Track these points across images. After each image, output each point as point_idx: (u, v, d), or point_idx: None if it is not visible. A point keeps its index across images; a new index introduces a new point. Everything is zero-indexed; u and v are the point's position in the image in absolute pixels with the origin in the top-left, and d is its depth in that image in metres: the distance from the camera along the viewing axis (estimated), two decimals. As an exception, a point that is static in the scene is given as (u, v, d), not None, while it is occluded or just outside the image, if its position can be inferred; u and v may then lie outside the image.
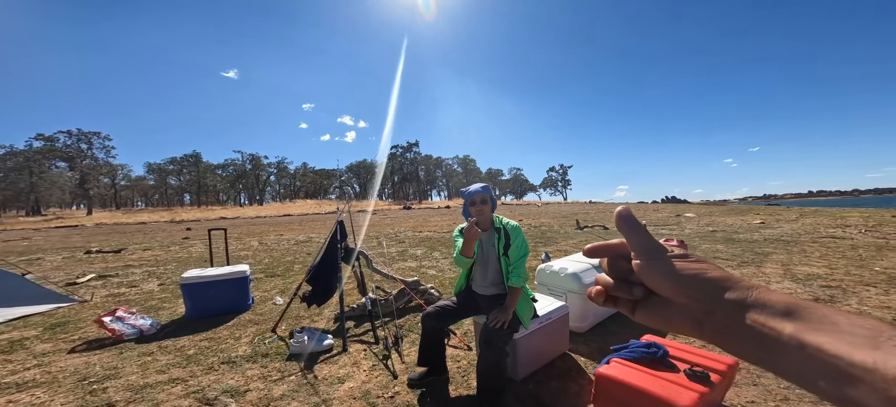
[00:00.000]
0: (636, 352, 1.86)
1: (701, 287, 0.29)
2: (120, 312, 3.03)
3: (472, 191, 1.94)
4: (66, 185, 49.53)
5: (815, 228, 9.02)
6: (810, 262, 4.99)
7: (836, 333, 0.23)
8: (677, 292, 0.30)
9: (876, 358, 0.21)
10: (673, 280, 0.30)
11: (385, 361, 2.45)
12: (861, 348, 0.21)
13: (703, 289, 0.29)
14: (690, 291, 0.29)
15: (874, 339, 0.22)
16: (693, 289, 0.29)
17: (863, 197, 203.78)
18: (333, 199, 12.94)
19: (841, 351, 0.22)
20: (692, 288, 0.29)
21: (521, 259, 1.90)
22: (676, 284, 0.29)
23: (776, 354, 0.25)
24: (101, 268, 6.86)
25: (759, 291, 0.27)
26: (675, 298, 0.30)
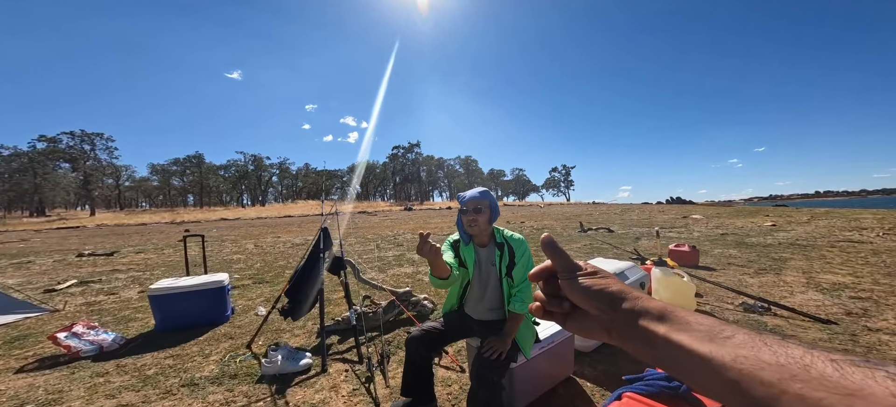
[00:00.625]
0: (654, 385, 1.56)
1: (605, 299, 0.36)
2: (77, 326, 2.77)
3: (467, 196, 1.58)
4: (69, 186, 49.86)
5: (830, 230, 8.64)
6: (833, 269, 4.65)
7: (690, 332, 0.31)
8: (589, 305, 0.37)
9: (711, 349, 0.28)
10: (586, 294, 0.37)
11: (367, 385, 2.16)
12: (703, 342, 0.29)
13: (606, 300, 0.36)
14: (598, 303, 0.36)
15: (710, 333, 0.30)
16: (600, 301, 0.36)
17: (871, 197, 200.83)
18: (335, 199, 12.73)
19: (693, 345, 0.30)
20: (599, 300, 0.36)
21: (527, 280, 1.60)
22: (588, 297, 0.37)
23: (657, 351, 0.32)
24: (88, 272, 6.64)
25: (643, 300, 0.35)
26: (590, 309, 0.37)
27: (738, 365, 0.27)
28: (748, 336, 0.28)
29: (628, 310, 0.35)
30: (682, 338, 0.31)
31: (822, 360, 0.24)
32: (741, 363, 0.26)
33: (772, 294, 3.62)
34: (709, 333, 0.30)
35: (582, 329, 0.39)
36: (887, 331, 2.62)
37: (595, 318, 0.37)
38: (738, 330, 0.29)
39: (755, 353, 0.27)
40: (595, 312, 0.37)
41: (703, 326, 0.30)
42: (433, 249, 1.22)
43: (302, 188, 79.88)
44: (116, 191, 61.39)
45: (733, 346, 0.28)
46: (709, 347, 0.29)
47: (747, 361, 0.26)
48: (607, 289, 0.36)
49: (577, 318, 0.39)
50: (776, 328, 2.73)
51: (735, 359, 0.27)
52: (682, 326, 0.31)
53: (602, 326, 0.37)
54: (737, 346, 0.28)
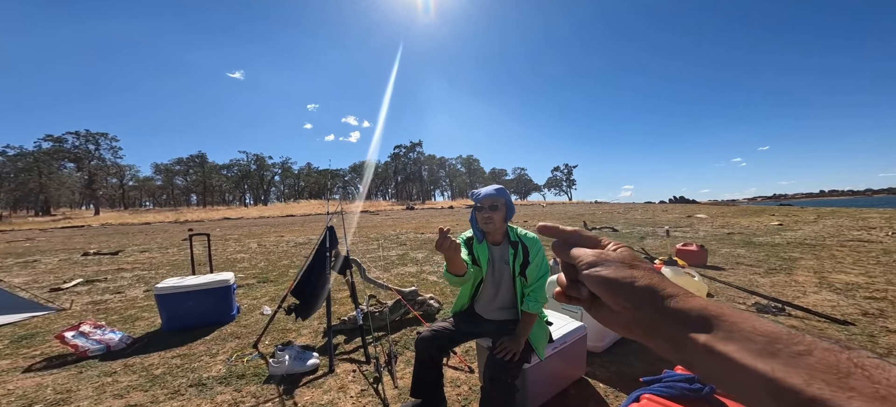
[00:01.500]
0: (674, 387, 1.52)
1: (628, 295, 0.30)
2: (85, 325, 2.76)
3: (481, 194, 1.53)
4: (74, 186, 50.28)
5: (838, 230, 8.54)
6: (844, 268, 4.58)
7: (741, 342, 0.24)
8: (609, 299, 0.31)
9: (774, 366, 0.22)
10: (604, 288, 0.31)
11: (376, 385, 2.14)
12: (761, 357, 0.23)
13: (630, 297, 0.30)
14: (620, 297, 0.31)
15: (771, 346, 0.23)
16: (622, 296, 0.30)
17: (876, 196, 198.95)
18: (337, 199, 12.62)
19: (744, 359, 0.23)
20: (621, 295, 0.31)
21: (541, 280, 1.55)
22: (608, 291, 0.31)
23: (692, 358, 0.27)
24: (94, 271, 6.66)
25: (678, 299, 0.29)
26: (609, 303, 0.32)
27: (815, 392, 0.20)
28: (828, 351, 0.21)
29: (655, 310, 0.29)
30: (729, 349, 0.24)
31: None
32: (819, 391, 0.20)
33: (784, 294, 3.57)
34: (768, 345, 0.23)
35: (601, 318, 0.33)
36: (906, 332, 2.56)
37: (614, 312, 0.31)
38: (814, 343, 0.22)
39: (840, 381, 0.20)
40: (616, 307, 0.31)
41: (759, 336, 0.24)
42: (453, 244, 1.21)
43: (304, 188, 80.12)
44: (120, 190, 61.85)
45: (808, 368, 0.21)
46: (770, 365, 0.22)
47: (828, 391, 0.20)
48: (634, 282, 0.30)
49: (598, 307, 0.33)
50: (791, 329, 2.68)
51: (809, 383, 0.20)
52: (731, 335, 0.25)
53: (621, 321, 0.31)
54: (813, 368, 0.21)
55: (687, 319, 0.27)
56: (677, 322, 0.28)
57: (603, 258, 0.32)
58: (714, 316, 0.26)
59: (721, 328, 0.25)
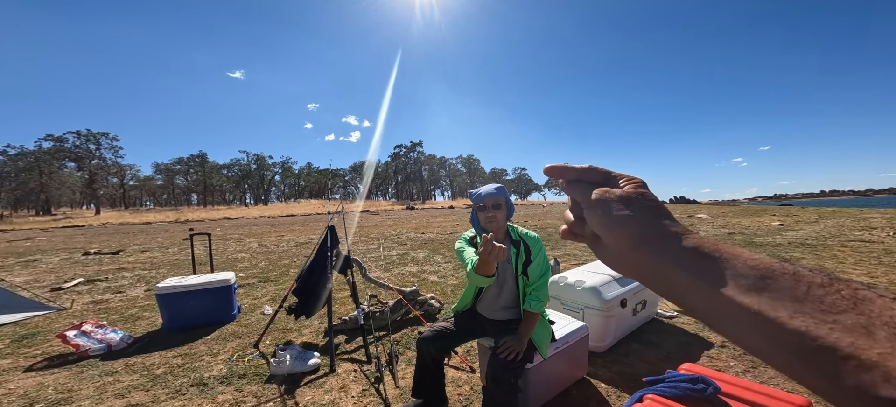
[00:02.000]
0: (678, 388, 1.51)
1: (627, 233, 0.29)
2: (86, 325, 2.76)
3: (482, 193, 1.52)
4: (75, 185, 50.33)
5: (840, 230, 8.52)
6: (846, 269, 4.57)
7: (733, 278, 0.23)
8: (607, 238, 0.31)
9: (760, 300, 0.21)
10: (605, 226, 0.31)
11: (377, 385, 2.13)
12: (749, 292, 0.22)
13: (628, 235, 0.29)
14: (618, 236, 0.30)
15: (761, 281, 0.22)
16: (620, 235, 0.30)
17: (877, 196, 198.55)
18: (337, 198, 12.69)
19: (733, 294, 0.23)
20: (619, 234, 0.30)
21: (543, 278, 1.56)
22: (607, 229, 0.31)
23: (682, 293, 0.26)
24: (94, 271, 6.67)
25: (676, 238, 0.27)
26: (607, 242, 0.31)
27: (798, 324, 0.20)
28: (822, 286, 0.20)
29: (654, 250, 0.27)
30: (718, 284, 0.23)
31: None
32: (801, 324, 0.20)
33: (785, 294, 3.56)
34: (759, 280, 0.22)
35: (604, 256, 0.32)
36: (909, 332, 2.55)
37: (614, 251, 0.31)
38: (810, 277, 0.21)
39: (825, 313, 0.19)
40: (613, 245, 0.30)
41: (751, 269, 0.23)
42: (503, 252, 1.18)
43: (304, 187, 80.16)
44: (121, 190, 61.90)
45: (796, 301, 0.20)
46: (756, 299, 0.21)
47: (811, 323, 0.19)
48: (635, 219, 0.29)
49: (600, 244, 0.32)
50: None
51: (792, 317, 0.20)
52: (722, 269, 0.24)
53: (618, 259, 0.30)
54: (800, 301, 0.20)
55: (682, 255, 0.26)
56: (672, 259, 0.27)
57: (607, 196, 0.31)
58: (709, 252, 0.25)
59: (714, 264, 0.24)
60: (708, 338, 2.59)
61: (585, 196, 0.32)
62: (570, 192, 0.35)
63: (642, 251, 0.28)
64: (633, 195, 0.30)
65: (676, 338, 2.63)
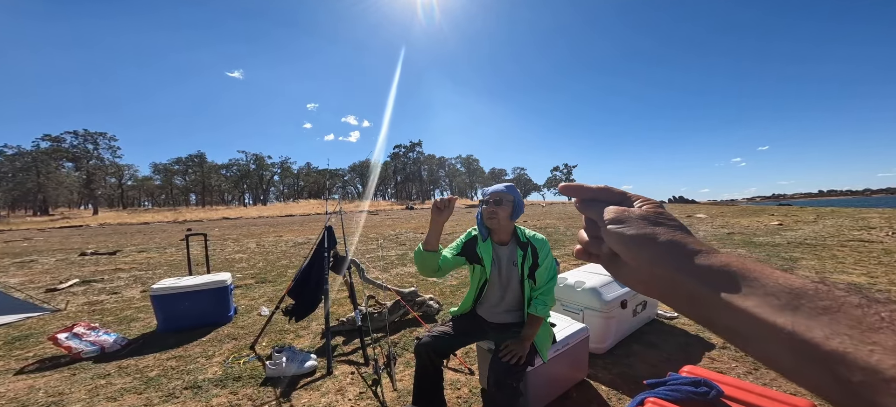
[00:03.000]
0: (680, 391, 1.48)
1: (648, 253, 0.29)
2: (78, 327, 2.72)
3: (489, 189, 1.52)
4: (72, 186, 50.11)
5: (838, 230, 8.52)
6: (846, 269, 4.56)
7: (763, 297, 0.23)
8: (628, 257, 0.31)
9: (794, 320, 0.21)
10: (624, 245, 0.31)
11: (374, 387, 2.10)
12: (782, 312, 0.22)
13: (649, 255, 0.29)
14: (640, 255, 0.30)
15: (795, 301, 0.22)
16: (642, 254, 0.30)
17: (875, 196, 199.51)
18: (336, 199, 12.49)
19: (764, 314, 0.23)
20: (640, 253, 0.30)
21: (550, 283, 1.52)
22: (627, 248, 0.31)
23: (711, 315, 0.26)
24: (91, 271, 6.62)
25: (701, 256, 0.27)
26: (627, 260, 0.31)
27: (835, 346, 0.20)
28: (858, 306, 0.20)
29: (677, 269, 0.27)
30: (748, 304, 0.23)
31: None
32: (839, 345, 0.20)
33: (786, 295, 3.54)
34: (793, 300, 0.22)
35: (623, 276, 0.32)
36: (912, 333, 2.53)
37: (632, 269, 0.31)
38: (844, 297, 0.21)
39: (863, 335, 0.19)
40: (634, 264, 0.30)
41: (783, 291, 0.23)
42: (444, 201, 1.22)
43: (303, 187, 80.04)
44: (119, 190, 61.67)
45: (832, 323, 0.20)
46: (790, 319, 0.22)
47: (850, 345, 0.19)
48: (657, 239, 0.29)
49: (617, 264, 0.32)
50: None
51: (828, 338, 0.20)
52: (751, 289, 0.24)
53: (638, 278, 0.31)
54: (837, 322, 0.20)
55: (709, 275, 0.26)
56: (698, 279, 0.26)
57: (626, 215, 0.31)
58: (737, 271, 0.25)
59: (743, 283, 0.24)
60: (709, 339, 2.57)
61: (602, 215, 0.33)
62: (585, 212, 0.35)
63: (664, 268, 0.28)
64: (652, 214, 0.31)
65: (677, 339, 2.61)
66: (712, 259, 0.27)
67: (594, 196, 0.35)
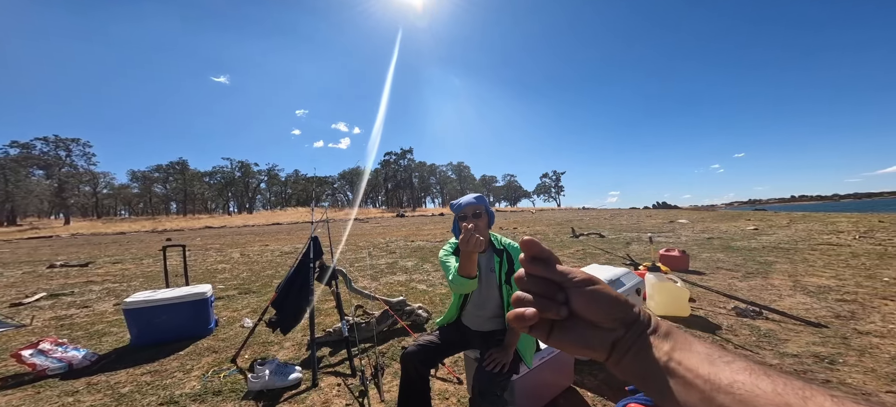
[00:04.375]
0: (660, 394, 1.53)
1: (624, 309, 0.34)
2: (44, 343, 2.57)
3: (462, 203, 1.54)
4: (43, 194, 47.55)
5: (809, 234, 8.96)
6: (816, 272, 4.79)
7: (692, 352, 0.31)
8: (603, 315, 0.34)
9: (710, 372, 0.29)
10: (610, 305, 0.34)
11: (361, 399, 2.06)
12: (703, 364, 0.30)
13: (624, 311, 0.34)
14: (617, 313, 0.34)
15: (710, 356, 0.30)
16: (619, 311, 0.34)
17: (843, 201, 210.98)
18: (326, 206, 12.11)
19: (693, 366, 0.30)
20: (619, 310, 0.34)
21: None
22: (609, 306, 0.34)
23: (655, 370, 0.31)
24: (59, 284, 6.26)
25: (654, 318, 0.35)
26: (601, 320, 0.34)
27: (735, 390, 0.27)
28: (748, 364, 0.29)
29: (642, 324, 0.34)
30: (683, 356, 0.31)
31: (822, 395, 0.25)
32: (737, 388, 0.27)
33: (761, 298, 3.69)
34: (709, 357, 0.30)
35: (573, 342, 0.34)
36: (876, 333, 2.68)
37: (600, 330, 0.34)
38: (738, 357, 0.30)
39: (753, 380, 0.27)
40: (608, 323, 0.34)
41: (703, 348, 0.31)
42: (480, 242, 1.19)
43: (291, 195, 78.43)
44: (94, 198, 58.80)
45: (732, 371, 0.28)
46: (708, 369, 0.29)
47: (743, 387, 0.27)
48: (625, 299, 0.35)
49: (569, 328, 0.34)
50: (769, 332, 2.76)
51: (732, 383, 0.27)
52: (686, 346, 0.31)
53: (606, 340, 0.34)
54: (735, 371, 0.28)
55: (659, 332, 0.33)
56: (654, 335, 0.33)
57: (595, 278, 0.35)
58: (674, 332, 0.33)
59: (679, 341, 0.32)
60: (690, 341, 2.64)
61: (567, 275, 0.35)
62: (541, 272, 0.36)
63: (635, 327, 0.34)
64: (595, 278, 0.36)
65: (660, 342, 2.67)
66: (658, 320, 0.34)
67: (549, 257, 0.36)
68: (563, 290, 0.35)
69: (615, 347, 0.33)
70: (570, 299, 0.34)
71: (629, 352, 0.33)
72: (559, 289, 0.35)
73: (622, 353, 0.33)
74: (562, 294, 0.35)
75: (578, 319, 0.34)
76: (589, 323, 0.34)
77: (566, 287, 0.35)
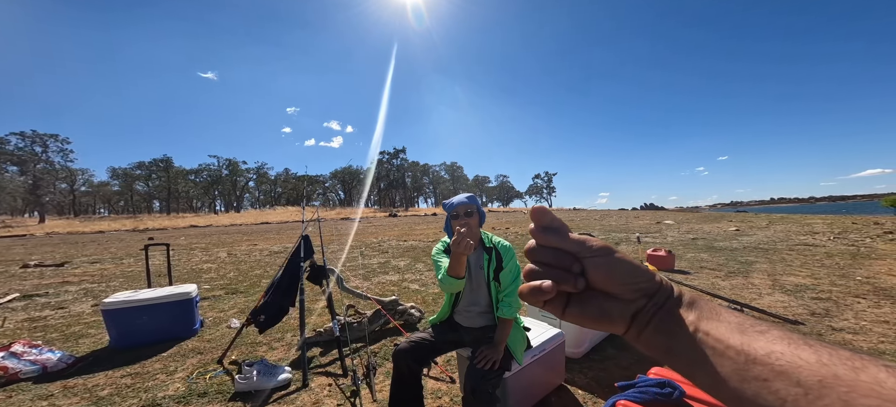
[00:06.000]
0: (647, 392, 1.55)
1: (647, 279, 0.32)
2: (16, 345, 2.45)
3: (455, 202, 1.57)
4: (16, 191, 45.30)
5: (787, 235, 9.33)
6: (794, 271, 4.99)
7: (720, 321, 0.28)
8: (625, 286, 0.31)
9: (742, 341, 0.26)
10: (632, 273, 0.31)
11: (353, 399, 2.04)
12: (733, 333, 0.27)
13: (647, 281, 0.32)
14: (641, 283, 0.31)
15: (741, 325, 0.28)
16: (642, 281, 0.31)
17: (819, 203, 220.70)
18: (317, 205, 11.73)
19: (722, 335, 0.27)
20: (643, 280, 0.31)
21: (515, 284, 1.58)
22: (632, 275, 0.31)
23: (679, 342, 0.29)
24: (33, 285, 5.97)
25: (676, 286, 0.32)
26: (622, 292, 0.31)
27: (773, 360, 0.24)
28: (785, 332, 0.26)
29: (664, 294, 0.31)
30: (710, 327, 0.28)
31: (875, 365, 0.22)
32: (776, 359, 0.24)
33: (743, 296, 3.82)
34: (740, 326, 0.27)
35: (591, 316, 0.31)
36: (849, 330, 2.81)
37: (619, 302, 0.31)
38: (774, 325, 0.27)
39: (793, 349, 0.24)
40: (628, 294, 0.31)
41: (733, 317, 0.28)
42: (470, 246, 1.25)
43: (281, 194, 76.94)
44: (71, 196, 56.34)
45: (767, 340, 0.25)
46: (740, 339, 0.26)
47: (782, 357, 0.24)
48: (645, 267, 0.32)
49: (586, 301, 0.31)
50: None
51: (769, 354, 0.24)
52: (713, 316, 0.29)
53: (626, 312, 0.31)
54: (771, 340, 0.25)
55: (683, 301, 0.31)
56: (679, 304, 0.30)
57: (611, 247, 0.32)
58: (699, 300, 0.31)
59: (705, 310, 0.30)
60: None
61: (581, 243, 0.32)
62: (547, 240, 0.33)
63: (658, 295, 0.31)
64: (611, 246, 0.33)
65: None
66: (684, 289, 0.32)
67: (559, 227, 0.33)
68: (578, 260, 0.32)
69: (635, 318, 0.31)
70: (586, 270, 0.31)
71: (651, 323, 0.30)
72: (574, 259, 0.32)
73: (643, 324, 0.30)
74: (577, 265, 0.32)
75: (596, 291, 0.32)
76: (607, 295, 0.31)
77: (582, 257, 0.31)
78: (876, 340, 2.60)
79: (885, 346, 2.49)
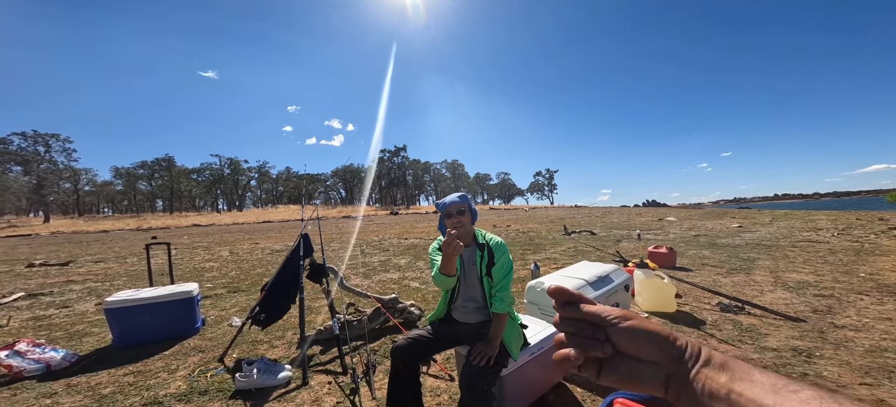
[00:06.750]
0: (646, 387, 1.57)
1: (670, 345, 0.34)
2: (21, 344, 2.47)
3: (447, 202, 1.64)
4: (21, 191, 45.69)
5: (790, 231, 9.26)
6: (796, 268, 4.95)
7: (752, 382, 0.30)
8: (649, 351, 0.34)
9: (775, 401, 0.28)
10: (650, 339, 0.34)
11: (352, 397, 2.05)
12: (767, 394, 0.29)
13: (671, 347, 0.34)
14: (665, 349, 0.34)
15: (774, 386, 0.29)
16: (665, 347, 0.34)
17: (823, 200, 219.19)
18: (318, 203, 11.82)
19: (755, 396, 0.29)
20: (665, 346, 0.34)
21: (506, 280, 1.62)
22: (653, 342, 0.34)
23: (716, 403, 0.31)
24: (38, 284, 6.04)
25: (700, 346, 0.34)
26: (647, 356, 0.34)
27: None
28: (818, 392, 0.27)
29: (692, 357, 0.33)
30: (743, 387, 0.30)
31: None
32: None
33: (744, 293, 3.80)
34: (773, 387, 0.29)
35: (624, 379, 0.34)
36: (851, 327, 2.79)
37: (648, 365, 0.34)
38: (806, 385, 0.28)
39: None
40: (652, 358, 0.34)
41: (765, 379, 0.30)
42: (459, 247, 1.32)
43: (283, 193, 77.19)
44: (75, 196, 56.76)
45: (800, 400, 0.27)
46: (773, 401, 0.28)
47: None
48: (667, 333, 0.34)
49: (617, 365, 0.35)
50: (751, 327, 2.85)
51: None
52: (745, 376, 0.31)
53: (658, 375, 0.33)
54: (804, 401, 0.27)
55: (713, 364, 0.32)
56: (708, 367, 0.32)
57: (631, 314, 0.35)
58: (729, 362, 0.32)
59: (737, 372, 0.31)
60: (676, 336, 2.71)
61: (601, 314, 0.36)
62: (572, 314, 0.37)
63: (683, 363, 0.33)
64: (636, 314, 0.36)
65: (647, 337, 2.73)
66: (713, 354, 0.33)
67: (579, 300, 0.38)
68: (601, 328, 0.36)
69: (670, 381, 0.33)
70: (610, 337, 0.35)
71: (686, 388, 0.32)
72: (597, 328, 0.36)
73: (679, 388, 0.33)
74: (601, 332, 0.36)
75: (625, 355, 0.34)
76: (635, 359, 0.34)
77: (603, 326, 0.35)
78: (878, 337, 2.58)
79: (887, 343, 2.48)
